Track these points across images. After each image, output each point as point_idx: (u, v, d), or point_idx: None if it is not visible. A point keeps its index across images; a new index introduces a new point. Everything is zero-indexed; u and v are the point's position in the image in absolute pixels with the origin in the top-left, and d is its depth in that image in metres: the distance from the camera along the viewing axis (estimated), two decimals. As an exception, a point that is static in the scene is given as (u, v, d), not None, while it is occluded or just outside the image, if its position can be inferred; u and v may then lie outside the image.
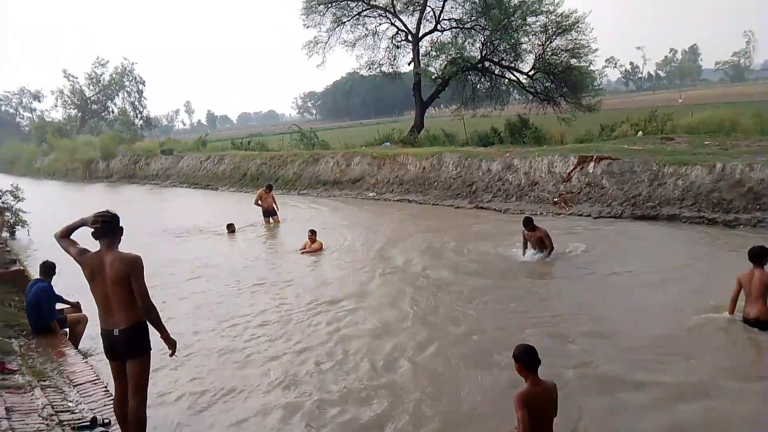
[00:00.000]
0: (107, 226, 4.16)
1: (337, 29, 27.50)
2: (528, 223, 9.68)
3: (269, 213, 15.57)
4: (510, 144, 19.49)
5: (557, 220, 12.98)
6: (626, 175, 13.28)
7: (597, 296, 8.00)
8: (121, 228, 4.28)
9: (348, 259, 11.06)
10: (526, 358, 3.90)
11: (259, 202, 15.59)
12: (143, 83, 61.58)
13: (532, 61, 24.35)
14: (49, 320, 7.01)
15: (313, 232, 11.76)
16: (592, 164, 14.06)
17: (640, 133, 17.87)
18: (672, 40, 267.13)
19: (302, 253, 11.58)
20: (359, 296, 8.75)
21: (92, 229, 4.20)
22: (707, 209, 11.56)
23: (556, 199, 14.14)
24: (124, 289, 4.08)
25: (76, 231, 4.31)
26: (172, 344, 4.39)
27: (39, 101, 74.93)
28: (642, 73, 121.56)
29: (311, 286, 9.49)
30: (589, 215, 13.01)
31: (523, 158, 15.80)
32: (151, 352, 4.37)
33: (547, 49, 23.58)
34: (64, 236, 4.26)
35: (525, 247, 9.84)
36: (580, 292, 8.20)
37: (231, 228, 14.47)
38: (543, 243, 9.68)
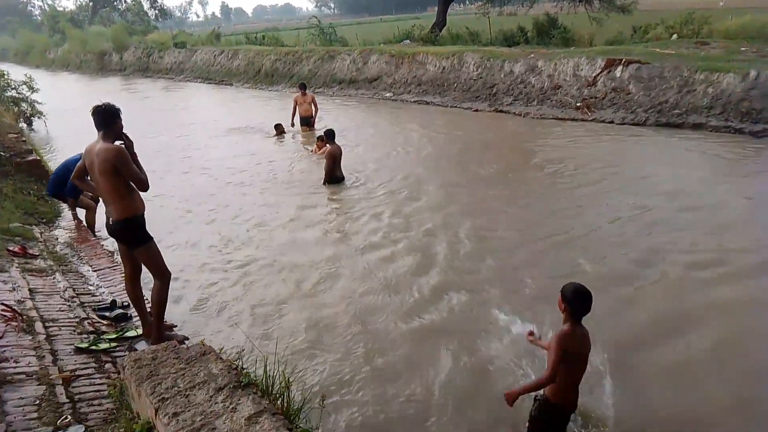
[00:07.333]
0: (97, 117, 4.11)
1: None
2: (325, 137, 9.80)
3: (306, 120, 13.65)
4: (536, 45, 18.58)
5: (578, 126, 12.63)
6: (654, 80, 12.69)
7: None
8: (115, 121, 4.15)
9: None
10: (578, 306, 3.33)
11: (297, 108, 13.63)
12: (158, -31, 58.79)
13: (566, -47, 22.61)
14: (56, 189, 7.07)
15: (320, 139, 11.45)
16: (620, 68, 13.41)
17: (675, 36, 16.84)
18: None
19: (312, 152, 11.58)
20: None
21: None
22: (735, 118, 11.13)
23: (578, 104, 13.67)
24: (109, 181, 4.04)
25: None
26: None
27: (50, -12, 72.43)
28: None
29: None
30: (612, 121, 12.61)
31: (548, 60, 15.10)
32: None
33: (583, -60, 21.80)
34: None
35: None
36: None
37: (279, 128, 13.46)
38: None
